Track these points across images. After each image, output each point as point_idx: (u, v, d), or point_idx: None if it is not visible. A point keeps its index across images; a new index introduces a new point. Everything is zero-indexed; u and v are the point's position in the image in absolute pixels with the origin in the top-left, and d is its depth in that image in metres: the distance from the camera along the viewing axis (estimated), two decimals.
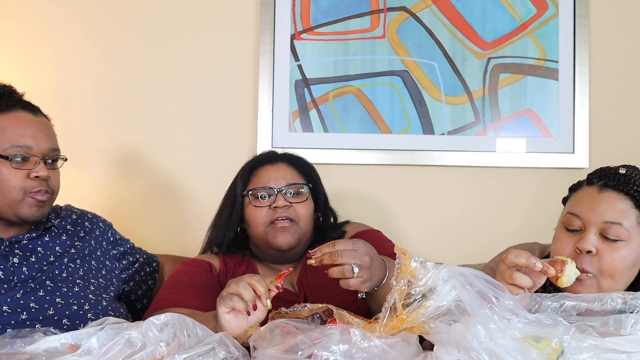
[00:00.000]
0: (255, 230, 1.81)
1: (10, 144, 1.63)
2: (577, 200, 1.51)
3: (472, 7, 2.44)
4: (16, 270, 1.64)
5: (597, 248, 1.43)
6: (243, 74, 2.44)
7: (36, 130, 1.67)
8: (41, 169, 1.65)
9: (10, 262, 1.65)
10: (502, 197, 2.43)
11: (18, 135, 1.64)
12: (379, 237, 1.89)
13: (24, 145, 1.64)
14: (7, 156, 1.62)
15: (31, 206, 1.65)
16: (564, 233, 1.50)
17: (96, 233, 1.85)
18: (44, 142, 1.68)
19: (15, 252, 1.67)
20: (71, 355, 1.20)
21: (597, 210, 1.45)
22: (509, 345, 1.12)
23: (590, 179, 1.52)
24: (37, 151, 1.66)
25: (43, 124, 1.71)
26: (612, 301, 1.23)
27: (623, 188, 1.45)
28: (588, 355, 1.13)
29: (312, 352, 1.14)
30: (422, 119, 2.42)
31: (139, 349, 1.20)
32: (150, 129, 2.44)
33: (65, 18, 2.45)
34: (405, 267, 1.26)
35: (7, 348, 1.24)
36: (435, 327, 1.19)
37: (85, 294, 1.68)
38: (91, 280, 1.75)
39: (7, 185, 1.63)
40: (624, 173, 1.47)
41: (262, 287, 1.39)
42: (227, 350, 1.21)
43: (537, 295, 1.28)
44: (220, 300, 1.40)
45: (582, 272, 1.42)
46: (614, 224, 1.43)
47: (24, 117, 1.68)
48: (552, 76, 2.42)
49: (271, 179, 1.81)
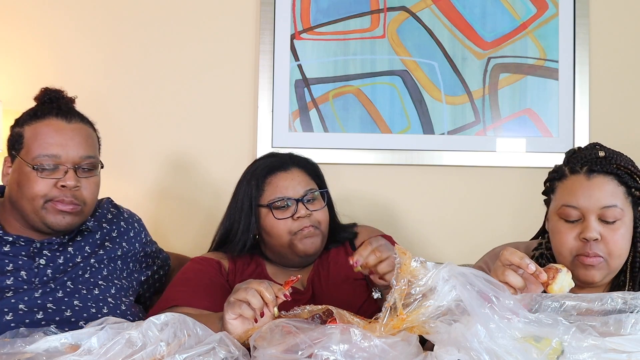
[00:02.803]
0: (278, 241, 1.79)
1: (38, 153, 1.63)
2: (568, 191, 1.53)
3: (472, 7, 2.44)
4: (40, 271, 1.63)
5: (600, 233, 1.48)
6: (243, 74, 2.44)
7: (66, 138, 1.65)
8: (69, 178, 1.62)
9: (36, 262, 1.63)
10: (502, 197, 2.43)
11: (47, 144, 1.63)
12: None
13: (52, 155, 1.63)
14: (35, 165, 1.62)
15: (55, 214, 1.63)
16: (564, 225, 1.52)
17: (130, 234, 1.82)
18: (75, 150, 1.65)
19: (43, 253, 1.65)
20: (71, 355, 1.19)
21: (592, 198, 1.49)
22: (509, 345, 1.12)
23: (573, 168, 1.54)
24: (67, 160, 1.64)
25: (76, 131, 1.67)
26: (612, 301, 1.23)
27: (608, 169, 1.51)
28: (588, 355, 1.13)
29: (312, 351, 1.14)
30: (422, 118, 2.42)
31: (139, 349, 1.20)
32: (149, 128, 2.44)
33: (66, 22, 2.46)
34: (406, 266, 1.25)
35: (7, 348, 1.24)
36: (435, 327, 1.18)
37: (104, 297, 1.67)
38: (114, 281, 1.72)
39: (32, 192, 1.62)
40: (604, 155, 1.53)
41: (270, 295, 1.38)
42: (227, 350, 1.21)
43: (537, 295, 1.28)
44: (227, 306, 1.39)
45: (595, 257, 1.48)
46: (611, 207, 1.48)
47: (56, 124, 1.66)
48: (552, 76, 2.42)
49: (289, 188, 1.79)
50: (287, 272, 1.83)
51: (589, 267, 1.49)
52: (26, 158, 1.63)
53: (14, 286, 1.59)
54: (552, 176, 1.60)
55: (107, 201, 1.88)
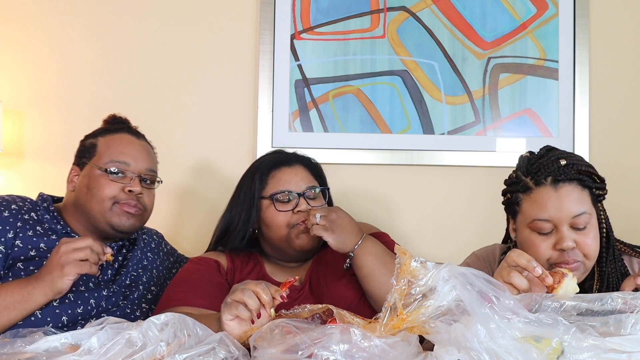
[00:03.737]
0: (277, 233, 1.81)
1: (110, 159, 1.80)
2: (537, 204, 1.53)
3: (472, 7, 2.44)
4: (103, 271, 1.78)
5: (574, 240, 1.51)
6: (243, 74, 2.44)
7: (135, 151, 1.84)
8: (135, 184, 1.80)
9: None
10: (502, 197, 2.43)
11: (119, 152, 1.82)
12: (385, 240, 1.90)
13: (122, 162, 1.81)
14: (106, 169, 1.79)
15: (120, 215, 1.78)
16: (537, 237, 1.54)
17: (152, 245, 1.97)
18: (142, 162, 1.84)
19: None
20: (71, 355, 1.19)
21: (563, 208, 1.50)
22: (509, 345, 1.12)
23: (537, 180, 1.53)
24: (135, 169, 1.82)
25: (144, 147, 1.88)
26: (612, 301, 1.23)
27: (572, 176, 1.52)
28: (588, 355, 1.13)
29: (312, 351, 1.14)
30: (422, 118, 2.42)
31: (139, 349, 1.20)
32: (149, 129, 2.43)
33: (66, 21, 2.46)
34: (406, 266, 1.25)
35: (7, 348, 1.24)
36: (435, 327, 1.18)
37: (140, 302, 1.82)
38: (151, 288, 1.87)
39: (102, 193, 1.77)
40: (566, 163, 1.53)
41: (267, 296, 1.38)
42: (227, 350, 1.21)
43: (537, 295, 1.28)
44: (225, 307, 1.39)
45: (574, 263, 1.51)
46: (581, 214, 1.51)
47: (127, 138, 1.86)
48: (552, 76, 2.42)
49: (292, 182, 1.82)
50: (285, 270, 1.84)
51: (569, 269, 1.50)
52: (98, 163, 1.80)
53: (85, 281, 1.73)
54: (515, 188, 1.59)
55: None
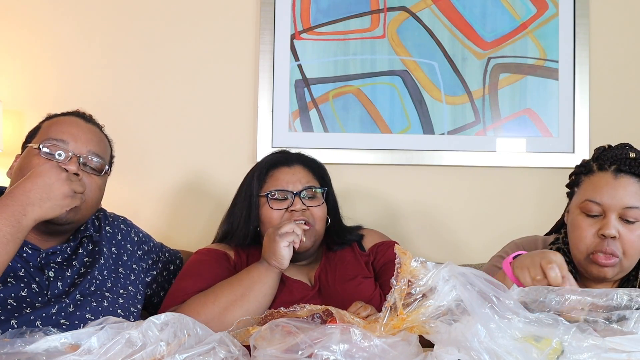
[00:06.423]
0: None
1: (48, 136, 1.62)
2: (593, 187, 1.56)
3: (472, 7, 2.44)
4: (51, 284, 1.59)
5: (618, 231, 1.52)
6: (243, 74, 2.44)
7: (79, 131, 1.65)
8: (71, 164, 1.59)
9: (45, 275, 1.60)
10: (502, 197, 2.43)
11: (59, 131, 1.63)
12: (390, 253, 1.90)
13: (59, 139, 1.61)
14: (40, 144, 1.60)
15: None
16: (584, 220, 1.55)
17: (118, 237, 1.78)
18: (84, 143, 1.64)
19: (51, 265, 1.62)
20: (71, 355, 1.19)
21: (616, 196, 1.52)
22: (510, 345, 1.12)
23: (602, 165, 1.56)
24: (75, 149, 1.62)
25: (90, 130, 1.68)
26: (618, 297, 1.23)
27: (636, 171, 1.53)
28: (588, 354, 1.13)
29: (312, 351, 1.14)
30: (422, 118, 2.42)
31: (139, 349, 1.19)
32: (149, 129, 2.44)
33: (66, 21, 2.46)
34: (406, 266, 1.25)
35: (7, 348, 1.23)
36: (435, 327, 1.18)
37: (114, 308, 1.64)
38: (120, 291, 1.70)
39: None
40: (634, 157, 1.54)
41: (300, 230, 1.68)
42: (227, 350, 1.21)
43: (544, 287, 1.28)
44: (280, 238, 1.65)
45: (613, 255, 1.51)
46: (633, 208, 1.51)
47: (73, 120, 1.68)
48: (552, 76, 2.42)
49: (289, 182, 1.83)
50: (293, 267, 1.83)
51: (602, 267, 1.53)
52: (35, 142, 1.62)
53: (29, 298, 1.55)
54: (579, 170, 1.62)
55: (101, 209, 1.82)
